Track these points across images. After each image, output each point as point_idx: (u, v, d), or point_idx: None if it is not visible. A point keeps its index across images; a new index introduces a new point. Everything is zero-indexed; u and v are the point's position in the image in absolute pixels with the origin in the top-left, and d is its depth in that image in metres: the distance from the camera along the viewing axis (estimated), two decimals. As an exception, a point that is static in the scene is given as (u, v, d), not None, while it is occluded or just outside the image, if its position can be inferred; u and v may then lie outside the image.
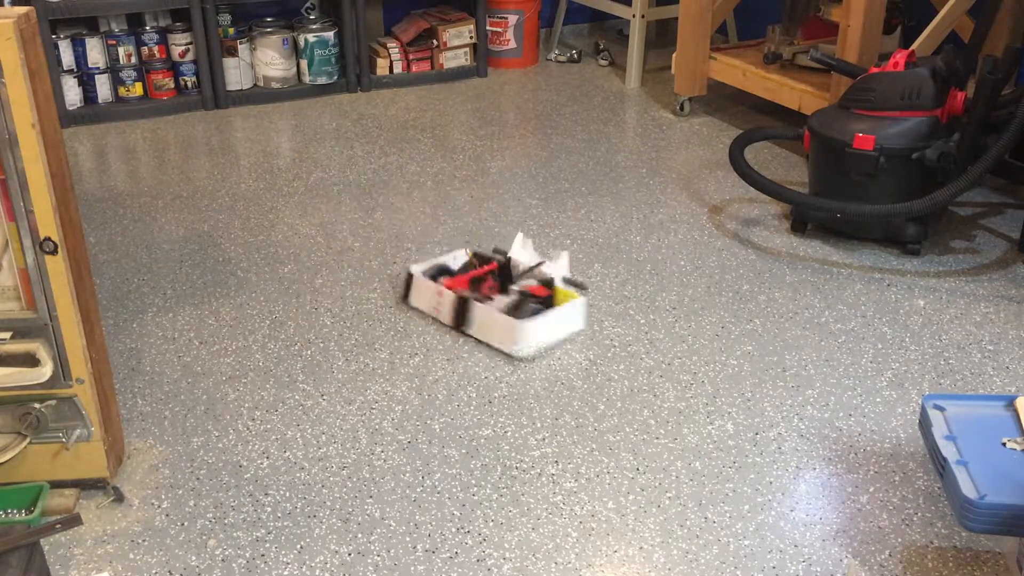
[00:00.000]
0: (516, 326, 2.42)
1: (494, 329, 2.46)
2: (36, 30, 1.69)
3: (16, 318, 1.81)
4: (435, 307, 2.58)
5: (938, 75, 2.79)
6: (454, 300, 2.52)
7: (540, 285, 2.59)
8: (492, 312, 2.47)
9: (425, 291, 2.60)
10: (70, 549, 1.84)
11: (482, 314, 2.48)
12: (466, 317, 2.51)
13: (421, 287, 2.61)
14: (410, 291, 2.64)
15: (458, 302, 2.52)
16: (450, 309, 2.53)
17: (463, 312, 2.51)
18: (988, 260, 2.90)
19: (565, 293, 2.58)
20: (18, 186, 1.70)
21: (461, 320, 2.51)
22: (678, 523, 1.89)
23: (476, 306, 2.49)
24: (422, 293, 2.61)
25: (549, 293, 2.57)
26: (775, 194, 2.97)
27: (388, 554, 1.83)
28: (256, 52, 4.33)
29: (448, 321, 2.54)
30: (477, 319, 2.49)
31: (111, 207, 3.32)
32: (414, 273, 2.63)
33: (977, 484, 1.63)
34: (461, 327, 2.52)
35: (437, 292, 2.56)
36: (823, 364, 2.40)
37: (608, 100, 4.35)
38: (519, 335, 2.42)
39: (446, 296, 2.54)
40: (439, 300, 2.56)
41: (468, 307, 2.50)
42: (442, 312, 2.56)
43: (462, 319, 2.51)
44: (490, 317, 2.46)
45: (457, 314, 2.52)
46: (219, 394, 2.30)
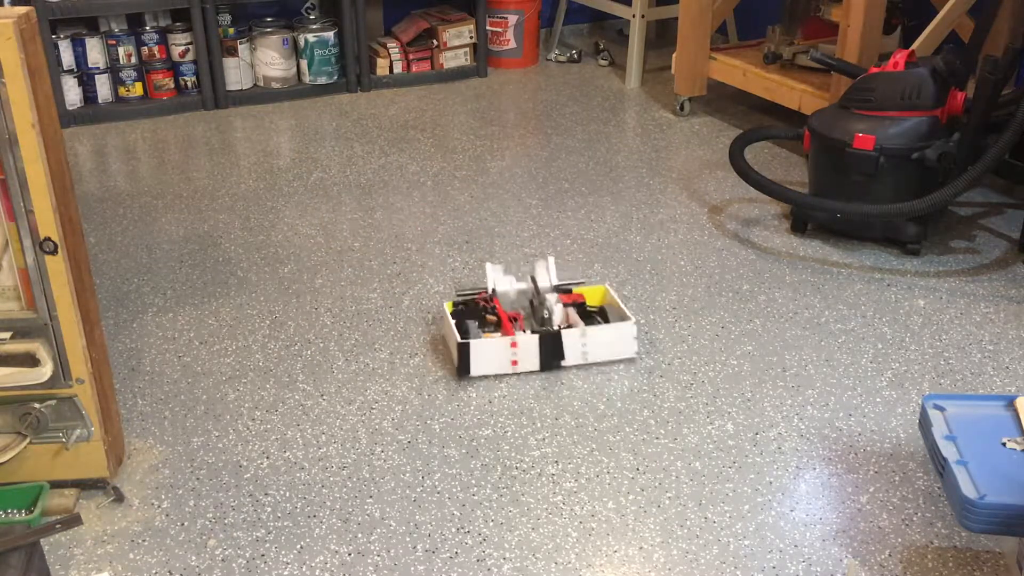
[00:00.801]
0: (627, 328, 2.37)
1: (603, 343, 2.37)
2: (36, 30, 1.69)
3: (16, 318, 1.81)
4: (511, 359, 2.35)
5: (938, 75, 2.79)
6: (539, 339, 2.34)
7: (562, 294, 2.48)
8: (597, 330, 2.37)
9: (493, 351, 2.33)
10: (70, 549, 1.84)
11: (581, 337, 2.35)
12: (561, 350, 2.35)
13: (485, 348, 2.33)
14: (469, 361, 2.33)
15: (546, 339, 2.34)
16: (536, 351, 2.34)
17: (555, 346, 2.34)
18: (988, 260, 2.90)
19: (589, 290, 2.54)
20: (18, 186, 1.70)
21: (556, 355, 2.35)
22: (678, 523, 1.89)
23: (568, 335, 2.34)
24: (489, 354, 2.33)
25: (581, 298, 2.50)
26: (775, 194, 2.97)
27: (388, 554, 1.83)
28: (256, 52, 4.33)
29: (536, 366, 2.35)
30: (576, 345, 2.35)
31: (111, 207, 3.32)
32: (467, 342, 2.31)
33: (977, 484, 1.63)
34: (557, 363, 2.36)
35: (511, 344, 2.33)
36: (823, 364, 2.40)
37: (608, 100, 4.35)
38: (631, 335, 2.38)
39: (525, 342, 2.34)
40: (515, 351, 2.34)
41: (560, 339, 2.34)
42: (523, 360, 2.35)
43: (557, 354, 2.35)
44: (601, 334, 2.37)
45: (548, 351, 2.34)
46: (219, 394, 2.30)
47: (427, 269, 2.87)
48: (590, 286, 2.57)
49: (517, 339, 2.34)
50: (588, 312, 2.49)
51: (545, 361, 2.35)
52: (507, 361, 2.34)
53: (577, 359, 2.37)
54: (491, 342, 2.34)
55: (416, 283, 2.79)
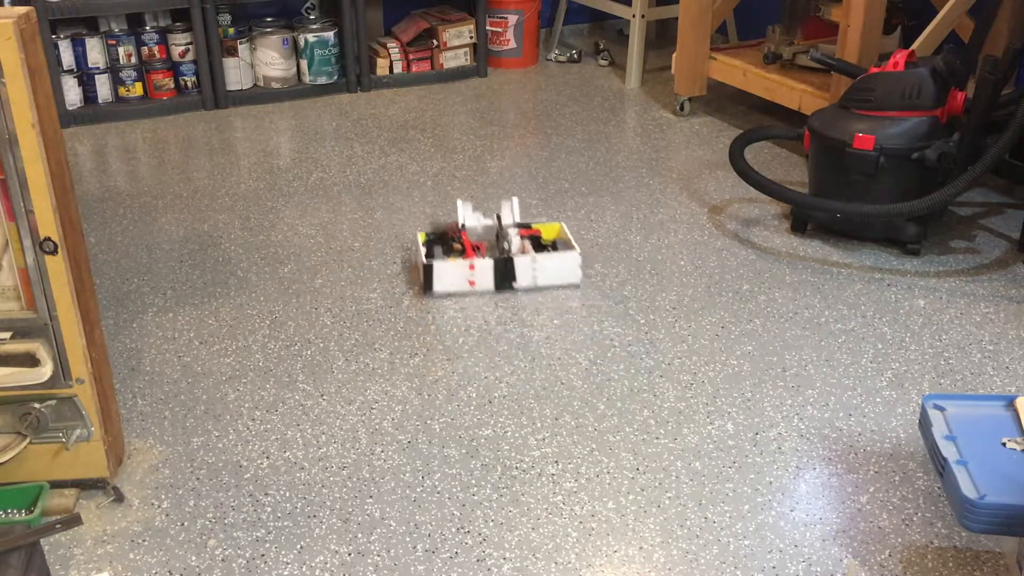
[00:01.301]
0: (573, 256, 2.72)
1: (552, 269, 2.71)
2: (36, 30, 1.69)
3: (16, 318, 1.81)
4: (469, 280, 2.69)
5: (938, 75, 2.79)
6: (494, 264, 2.70)
7: (522, 228, 2.81)
8: (544, 256, 2.72)
9: (453, 272, 2.69)
10: (70, 549, 1.84)
11: (530, 263, 2.69)
12: (513, 273, 2.70)
13: (447, 270, 2.68)
14: (432, 280, 2.68)
15: (500, 264, 2.70)
16: (491, 274, 2.70)
17: (508, 270, 2.70)
18: (988, 260, 2.90)
19: (546, 226, 2.88)
20: (18, 186, 1.70)
21: (509, 277, 2.70)
22: (678, 523, 1.89)
23: (520, 260, 2.69)
24: (449, 275, 2.69)
25: (538, 232, 2.85)
26: (775, 194, 2.97)
27: (388, 554, 1.83)
28: (256, 52, 4.33)
29: (491, 286, 2.70)
30: (527, 270, 2.70)
31: (111, 207, 3.32)
32: (429, 263, 2.68)
33: (977, 484, 1.63)
34: (510, 283, 2.70)
35: (469, 267, 2.69)
36: (823, 364, 2.40)
37: (608, 100, 4.35)
38: (575, 263, 2.72)
39: (481, 265, 2.69)
40: (472, 273, 2.69)
41: (512, 264, 2.69)
42: (480, 281, 2.70)
43: (510, 276, 2.70)
44: (549, 260, 2.72)
45: (502, 274, 2.70)
46: (219, 394, 2.30)
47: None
48: (548, 223, 2.91)
49: (474, 262, 2.70)
50: (543, 244, 2.84)
51: (499, 282, 2.71)
52: (465, 281, 2.70)
53: (528, 282, 2.72)
54: (451, 263, 2.70)
55: (416, 283, 2.79)
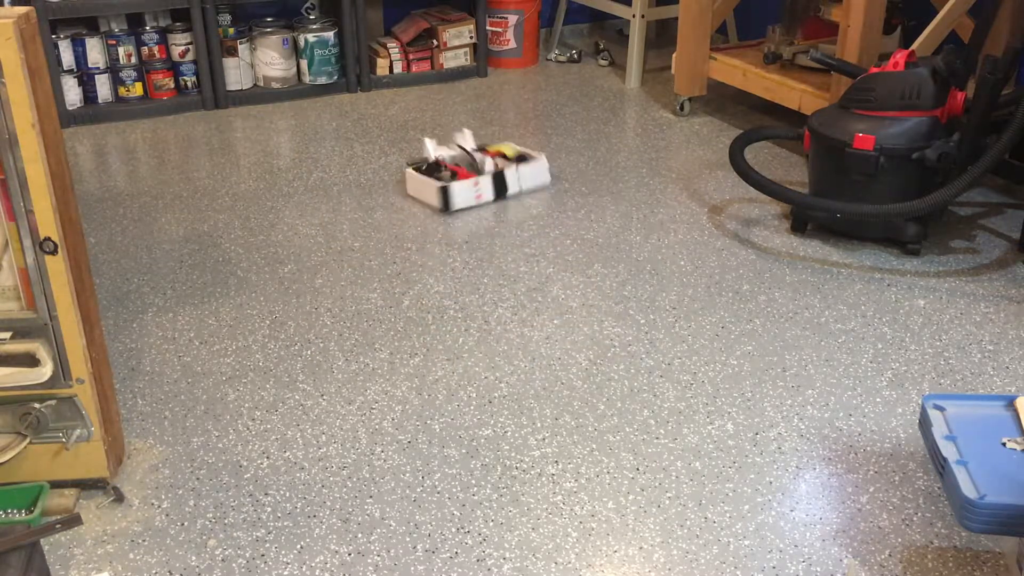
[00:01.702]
0: (542, 162, 3.38)
1: (529, 175, 3.34)
2: (36, 30, 1.69)
3: (16, 318, 1.81)
4: (477, 196, 3.24)
5: (938, 75, 2.79)
6: (493, 177, 3.28)
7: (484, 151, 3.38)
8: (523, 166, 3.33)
9: (464, 189, 3.23)
10: (70, 549, 1.84)
11: (515, 173, 3.31)
12: (506, 184, 3.29)
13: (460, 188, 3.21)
14: (449, 199, 3.19)
15: (496, 177, 3.29)
16: (491, 186, 3.27)
17: (502, 182, 3.29)
18: (988, 260, 2.90)
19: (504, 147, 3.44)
20: (18, 186, 1.70)
21: (503, 189, 3.29)
22: (678, 523, 1.89)
23: (507, 172, 3.30)
24: (463, 192, 3.22)
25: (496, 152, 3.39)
26: (775, 194, 2.97)
27: (388, 554, 1.83)
28: (256, 52, 4.33)
29: (491, 196, 3.27)
30: (513, 179, 3.31)
31: (111, 207, 3.32)
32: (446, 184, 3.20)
33: (977, 484, 1.63)
34: (504, 194, 3.29)
35: (474, 183, 3.24)
36: (823, 364, 2.40)
37: (608, 100, 4.35)
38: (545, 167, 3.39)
39: (484, 181, 3.26)
40: (477, 188, 3.24)
41: (503, 176, 3.30)
42: (484, 194, 3.26)
43: (503, 188, 3.29)
44: (527, 168, 3.34)
45: (499, 185, 3.29)
46: (219, 394, 2.30)
47: (427, 269, 2.87)
48: (501, 143, 3.50)
49: (478, 179, 3.26)
50: (509, 159, 3.39)
51: (498, 192, 3.28)
52: (473, 196, 3.24)
53: (516, 188, 3.31)
54: (463, 183, 3.23)
55: (416, 283, 2.79)
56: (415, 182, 3.30)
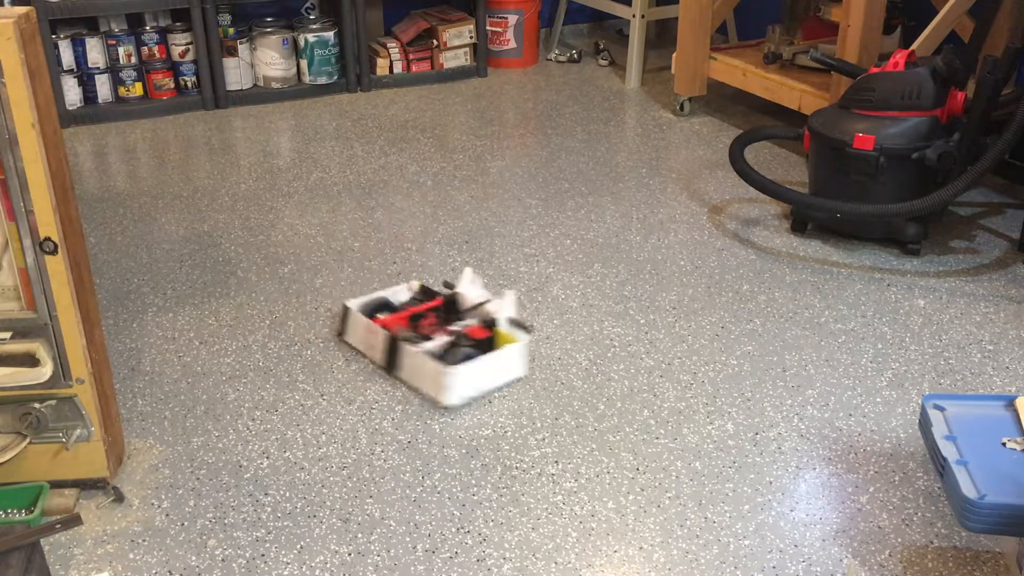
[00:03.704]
0: (444, 373, 2.19)
1: (423, 374, 2.25)
2: (36, 30, 1.69)
3: (16, 318, 1.81)
4: (369, 346, 2.38)
5: (938, 75, 2.79)
6: (385, 339, 2.32)
7: (480, 326, 2.36)
8: (420, 356, 2.25)
9: (360, 328, 2.41)
10: (70, 549, 1.84)
11: (411, 357, 2.27)
12: (396, 360, 2.30)
13: (356, 323, 2.41)
14: (346, 326, 2.45)
15: (389, 342, 2.31)
16: (382, 349, 2.33)
17: (393, 353, 2.30)
18: (988, 260, 2.90)
19: (506, 336, 2.34)
20: (18, 186, 1.70)
21: (392, 362, 2.31)
22: (678, 523, 1.89)
23: (406, 348, 2.28)
24: (357, 330, 2.42)
25: (488, 335, 2.34)
26: (775, 194, 2.97)
27: (388, 554, 1.83)
28: (256, 52, 4.33)
29: (380, 362, 2.35)
30: (407, 363, 2.29)
31: (111, 207, 3.32)
32: (350, 307, 2.43)
33: (977, 484, 1.63)
34: (393, 370, 2.32)
35: (369, 330, 2.36)
36: (823, 364, 2.40)
37: (608, 100, 4.35)
38: (447, 382, 2.20)
39: (378, 335, 2.34)
40: (372, 339, 2.36)
41: (398, 348, 2.29)
42: (375, 352, 2.36)
43: (393, 361, 2.31)
44: (420, 361, 2.25)
45: (388, 355, 2.31)
46: (219, 394, 2.30)
47: (427, 269, 2.87)
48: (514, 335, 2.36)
49: (376, 329, 2.36)
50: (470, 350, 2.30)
51: (388, 363, 2.33)
52: (368, 346, 2.40)
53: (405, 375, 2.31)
54: (360, 319, 2.41)
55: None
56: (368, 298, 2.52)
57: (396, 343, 2.31)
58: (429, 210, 3.26)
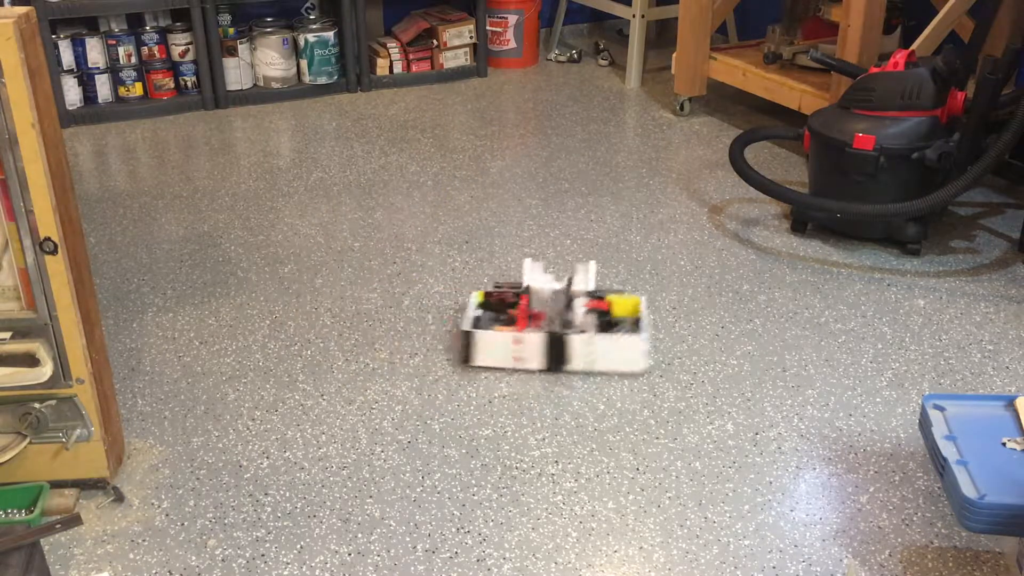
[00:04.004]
0: (635, 342, 2.31)
1: (614, 354, 2.31)
2: (36, 30, 1.69)
3: (16, 318, 1.81)
4: (515, 357, 2.34)
5: (938, 75, 2.79)
6: (545, 339, 2.31)
7: (593, 300, 2.41)
8: (605, 338, 2.31)
9: (497, 344, 2.33)
10: (70, 549, 1.84)
11: (588, 344, 2.31)
12: (565, 354, 2.32)
13: (489, 341, 2.34)
14: (471, 351, 2.35)
15: (551, 340, 2.30)
16: (541, 351, 2.31)
17: (560, 349, 2.31)
18: (988, 260, 2.90)
19: (621, 300, 2.44)
20: (18, 186, 1.70)
21: (560, 359, 2.32)
22: (678, 523, 1.89)
23: (575, 339, 2.30)
24: (493, 347, 2.34)
25: (606, 305, 2.42)
26: (775, 194, 2.97)
27: (388, 554, 1.83)
28: (256, 52, 4.33)
29: (540, 365, 2.33)
30: (582, 351, 2.31)
31: (111, 207, 3.32)
32: (470, 331, 2.35)
33: (977, 484, 1.63)
34: (561, 366, 2.33)
35: (514, 341, 2.31)
36: (823, 364, 2.40)
37: (608, 100, 4.35)
38: (642, 348, 2.32)
39: (530, 340, 2.31)
40: (519, 348, 2.32)
41: (565, 342, 2.30)
42: (528, 358, 2.33)
43: (561, 357, 2.32)
44: (608, 343, 2.31)
45: (553, 353, 2.31)
46: (219, 394, 2.30)
47: (427, 269, 2.87)
48: (625, 296, 2.47)
49: (523, 336, 2.32)
50: (611, 322, 2.40)
51: (550, 363, 2.33)
52: (510, 356, 2.34)
53: (581, 365, 2.33)
54: (496, 335, 2.33)
55: (416, 283, 2.79)
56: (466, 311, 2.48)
57: (562, 338, 2.31)
58: (429, 210, 3.26)
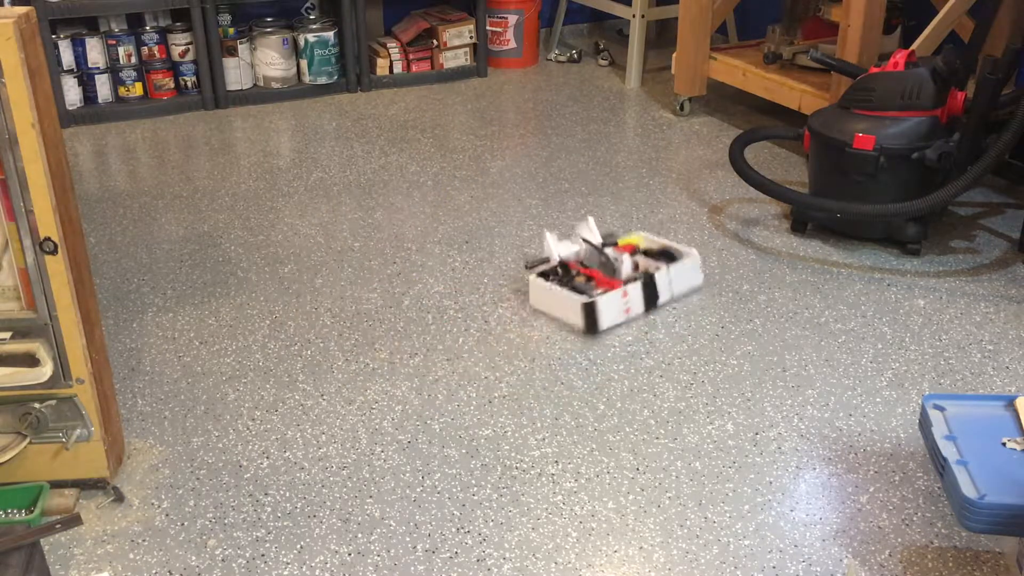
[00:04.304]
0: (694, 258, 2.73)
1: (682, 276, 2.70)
2: (36, 30, 1.69)
3: (16, 318, 1.81)
4: (625, 310, 2.60)
5: (938, 75, 2.79)
6: (642, 285, 2.62)
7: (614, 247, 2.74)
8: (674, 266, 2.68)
9: (612, 303, 2.56)
10: (70, 549, 1.84)
11: (665, 276, 2.67)
12: (656, 291, 2.65)
13: (608, 303, 2.55)
14: (597, 318, 2.54)
15: (645, 283, 2.63)
16: (640, 296, 2.63)
17: (652, 289, 2.65)
18: (988, 260, 2.90)
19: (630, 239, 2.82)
20: (18, 186, 1.70)
21: (654, 298, 2.66)
22: (678, 523, 1.89)
23: (657, 276, 2.65)
24: (610, 308, 2.56)
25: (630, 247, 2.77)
26: (775, 194, 2.97)
27: (388, 554, 1.83)
28: (256, 52, 4.33)
29: (641, 309, 2.63)
30: (664, 284, 2.67)
31: (111, 207, 3.32)
32: (592, 300, 2.53)
33: (977, 484, 1.63)
34: (654, 304, 2.66)
35: (623, 295, 2.59)
36: (823, 364, 2.40)
37: (608, 100, 4.35)
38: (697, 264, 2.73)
39: (631, 290, 2.61)
40: (626, 300, 2.60)
41: (654, 282, 2.65)
42: (633, 306, 2.62)
43: (654, 296, 2.66)
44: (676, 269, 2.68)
45: (648, 294, 2.65)
46: (219, 394, 2.30)
47: (427, 269, 2.87)
48: (630, 235, 2.84)
49: (627, 289, 2.59)
50: (648, 255, 2.76)
51: (648, 303, 2.63)
52: (621, 311, 2.59)
53: (667, 296, 2.67)
54: (610, 296, 2.56)
55: (416, 283, 2.79)
56: (546, 295, 2.63)
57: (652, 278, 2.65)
58: (429, 210, 3.26)
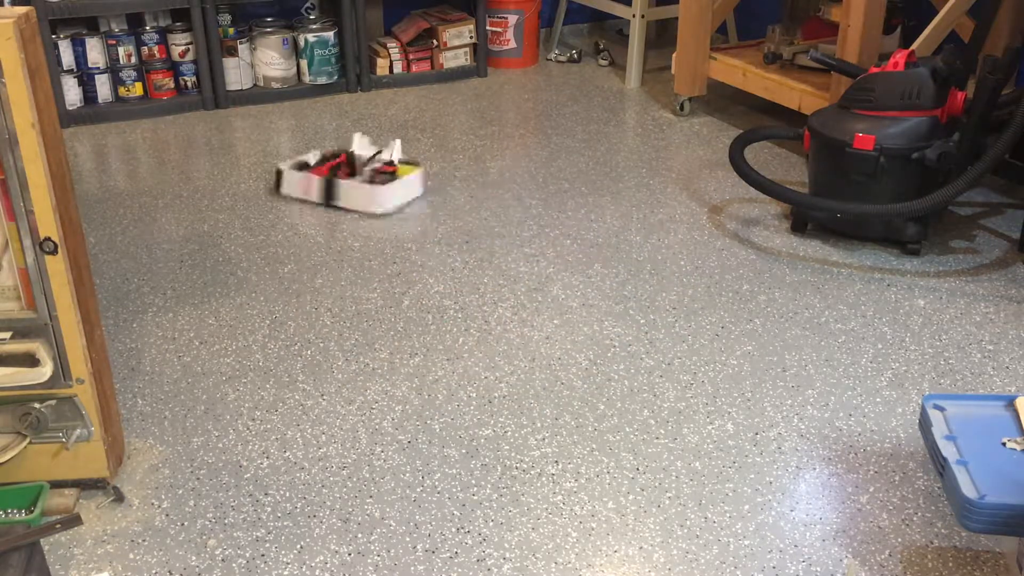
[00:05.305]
0: (375, 191, 3.20)
1: (358, 197, 3.21)
2: (36, 30, 1.69)
3: (16, 318, 1.81)
4: (305, 191, 3.27)
5: (938, 75, 2.79)
6: (321, 182, 3.24)
7: (384, 165, 3.32)
8: (355, 184, 3.23)
9: (295, 181, 3.29)
10: (70, 549, 1.84)
11: (346, 188, 3.22)
12: (334, 193, 3.23)
13: (291, 178, 3.30)
14: (281, 183, 3.32)
15: (325, 183, 3.24)
16: (319, 190, 3.25)
17: (331, 189, 3.23)
18: (988, 260, 2.90)
19: (405, 168, 3.34)
20: (18, 186, 1.70)
21: (330, 196, 3.23)
22: (678, 523, 1.90)
23: (340, 183, 3.23)
24: (293, 183, 3.30)
25: (394, 169, 3.32)
26: (775, 194, 2.97)
27: (388, 554, 1.83)
28: (256, 52, 4.33)
29: (318, 199, 3.25)
30: (343, 193, 3.22)
31: (111, 207, 3.32)
32: (283, 169, 3.31)
33: (977, 484, 1.63)
34: (330, 202, 3.23)
35: (306, 179, 3.26)
36: (823, 364, 2.40)
37: (608, 100, 4.35)
38: (378, 197, 3.19)
39: (314, 181, 3.25)
40: (308, 185, 3.26)
41: (334, 185, 3.23)
42: (312, 193, 3.26)
43: (331, 195, 3.23)
44: (355, 188, 3.22)
45: (326, 192, 3.24)
46: (219, 394, 2.30)
47: (427, 269, 2.87)
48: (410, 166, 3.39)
49: (310, 177, 3.27)
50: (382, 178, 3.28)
51: (326, 196, 3.25)
52: (304, 191, 3.29)
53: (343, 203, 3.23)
54: (294, 174, 3.30)
55: (416, 283, 2.79)
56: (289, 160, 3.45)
57: (332, 181, 3.25)
58: (429, 210, 3.26)
